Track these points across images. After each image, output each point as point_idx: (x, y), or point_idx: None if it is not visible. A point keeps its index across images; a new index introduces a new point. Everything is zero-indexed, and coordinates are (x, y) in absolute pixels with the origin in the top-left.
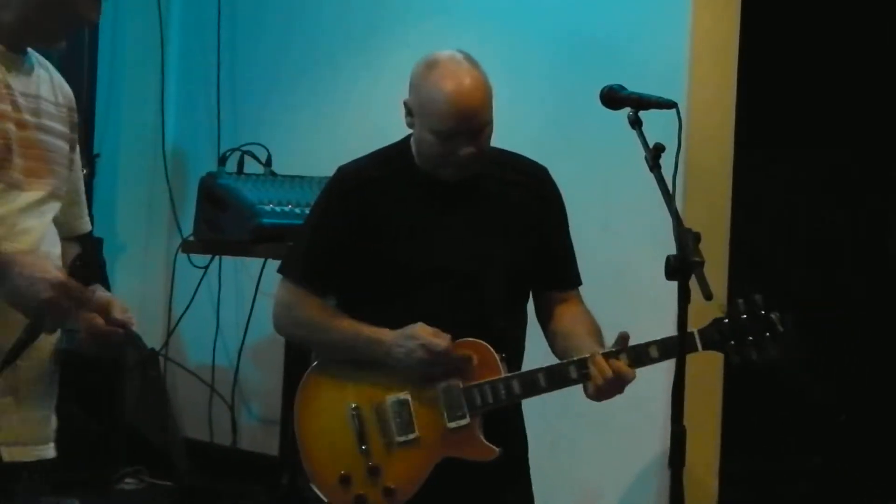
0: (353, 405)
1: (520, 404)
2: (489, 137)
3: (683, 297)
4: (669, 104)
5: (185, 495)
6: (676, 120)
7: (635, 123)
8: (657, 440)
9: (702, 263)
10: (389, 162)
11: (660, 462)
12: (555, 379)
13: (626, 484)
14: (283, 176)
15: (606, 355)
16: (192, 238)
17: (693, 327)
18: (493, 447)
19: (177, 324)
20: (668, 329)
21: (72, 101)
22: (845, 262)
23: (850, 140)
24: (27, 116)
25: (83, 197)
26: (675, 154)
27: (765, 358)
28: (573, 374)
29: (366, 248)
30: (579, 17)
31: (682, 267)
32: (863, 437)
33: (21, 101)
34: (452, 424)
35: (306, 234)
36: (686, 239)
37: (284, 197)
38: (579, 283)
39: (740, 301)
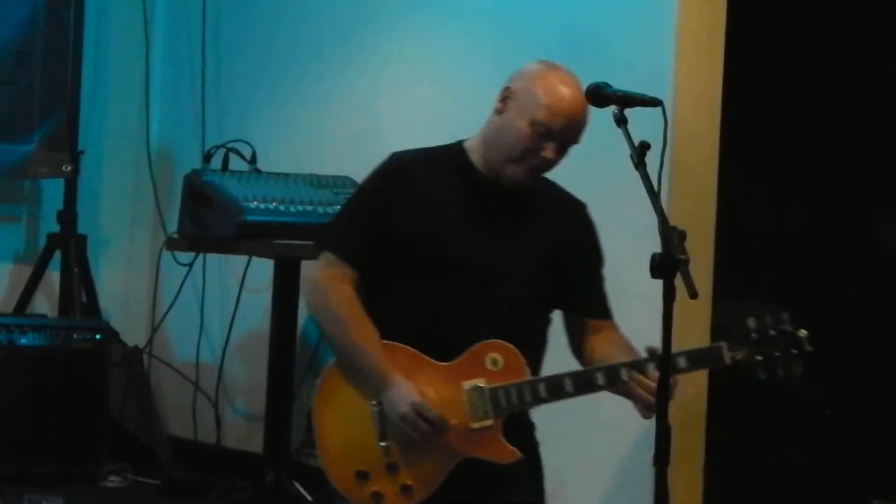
0: (375, 402)
1: None
2: (562, 159)
3: (669, 295)
4: (655, 102)
5: (169, 492)
6: (662, 117)
7: (621, 121)
8: (643, 436)
9: (687, 261)
10: (445, 158)
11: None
12: (581, 385)
13: (613, 479)
14: (268, 173)
15: (634, 364)
16: (176, 235)
17: (682, 326)
18: (514, 450)
19: (161, 321)
20: (656, 326)
21: None
22: (835, 262)
23: (839, 137)
24: None
25: None
26: (660, 152)
27: (789, 375)
28: (600, 380)
29: (403, 234)
30: (566, 12)
31: (668, 265)
32: (852, 434)
33: None
34: (476, 425)
35: (349, 209)
36: (671, 237)
37: (269, 194)
38: (611, 317)
39: (767, 318)
